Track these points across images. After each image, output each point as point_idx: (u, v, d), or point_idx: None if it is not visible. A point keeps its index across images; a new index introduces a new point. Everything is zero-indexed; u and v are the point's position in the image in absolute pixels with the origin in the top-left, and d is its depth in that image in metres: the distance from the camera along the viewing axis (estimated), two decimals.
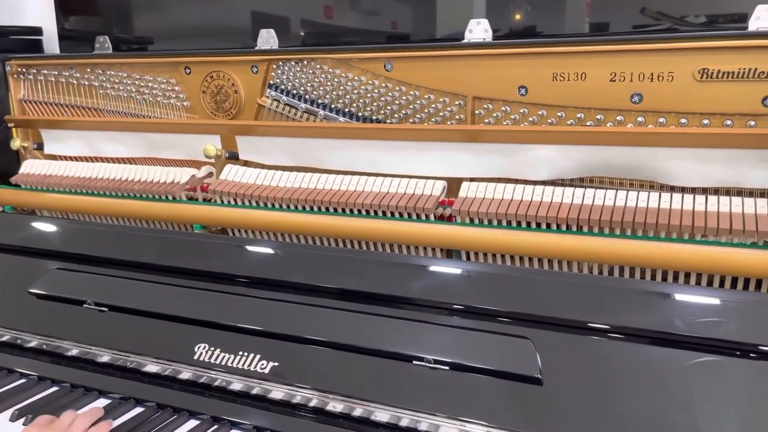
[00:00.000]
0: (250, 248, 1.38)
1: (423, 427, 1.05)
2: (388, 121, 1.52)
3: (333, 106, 1.58)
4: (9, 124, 1.97)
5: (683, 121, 1.26)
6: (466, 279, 1.19)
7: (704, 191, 1.24)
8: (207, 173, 1.62)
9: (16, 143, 1.94)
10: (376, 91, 1.52)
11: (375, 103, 1.52)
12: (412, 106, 1.49)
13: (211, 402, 1.20)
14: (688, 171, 1.24)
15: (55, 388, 1.28)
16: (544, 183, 1.33)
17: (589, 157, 1.31)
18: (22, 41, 2.11)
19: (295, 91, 1.62)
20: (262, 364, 1.17)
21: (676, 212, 1.17)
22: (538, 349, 1.04)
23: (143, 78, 1.81)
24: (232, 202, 1.55)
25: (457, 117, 1.45)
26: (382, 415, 1.08)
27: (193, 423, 1.15)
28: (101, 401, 1.23)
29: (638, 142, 1.26)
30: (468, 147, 1.41)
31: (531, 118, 1.38)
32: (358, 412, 1.10)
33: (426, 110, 1.48)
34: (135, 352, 1.28)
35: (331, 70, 1.56)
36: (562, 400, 0.99)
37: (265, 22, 1.69)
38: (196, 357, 1.22)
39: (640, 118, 1.29)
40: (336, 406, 1.11)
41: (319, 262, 1.28)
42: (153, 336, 1.29)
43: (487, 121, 1.42)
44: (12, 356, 1.38)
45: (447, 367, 1.07)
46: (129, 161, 1.86)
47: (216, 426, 1.14)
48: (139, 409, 1.20)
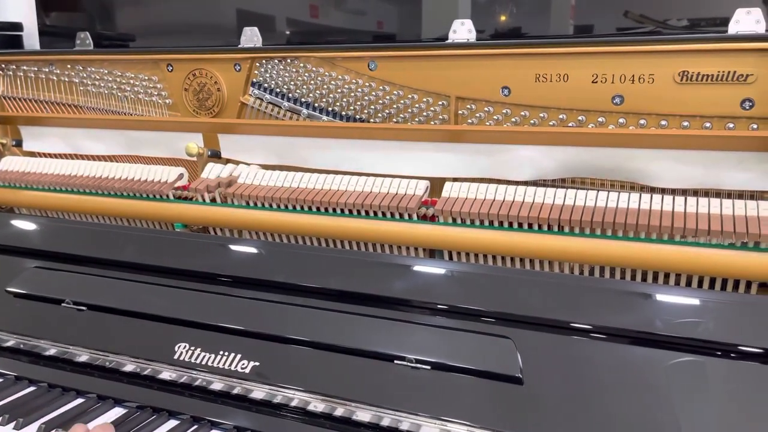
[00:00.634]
0: (231, 247, 1.38)
1: (404, 426, 1.05)
2: (372, 120, 1.52)
3: (316, 104, 1.57)
4: None
5: (663, 122, 1.27)
6: (448, 279, 1.19)
7: (684, 192, 1.25)
8: (178, 176, 1.60)
9: None
10: (359, 90, 1.52)
11: (358, 103, 1.52)
12: (395, 106, 1.49)
13: (191, 402, 1.19)
14: (668, 172, 1.25)
15: (32, 388, 1.26)
16: (526, 183, 1.34)
17: (571, 158, 1.32)
18: (1, 37, 2.08)
19: (278, 90, 1.61)
20: (243, 364, 1.16)
21: (656, 213, 1.18)
22: (519, 348, 1.04)
23: (125, 75, 1.79)
24: (214, 201, 1.54)
25: (440, 117, 1.46)
26: (363, 414, 1.08)
27: (172, 423, 1.14)
28: (79, 401, 1.21)
29: (619, 144, 1.27)
30: (451, 147, 1.42)
31: (514, 119, 1.38)
32: (339, 411, 1.10)
33: (409, 110, 1.48)
34: (114, 352, 1.27)
35: (314, 68, 1.56)
36: (542, 400, 1.00)
37: (250, 21, 1.68)
38: (176, 356, 1.20)
39: (621, 120, 1.30)
40: (317, 405, 1.11)
41: (301, 262, 1.28)
42: (133, 335, 1.27)
43: (470, 121, 1.42)
44: None
45: (428, 367, 1.07)
46: (109, 159, 1.84)
47: (196, 426, 1.13)
48: (118, 410, 1.19)
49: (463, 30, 1.42)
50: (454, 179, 1.41)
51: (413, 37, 1.61)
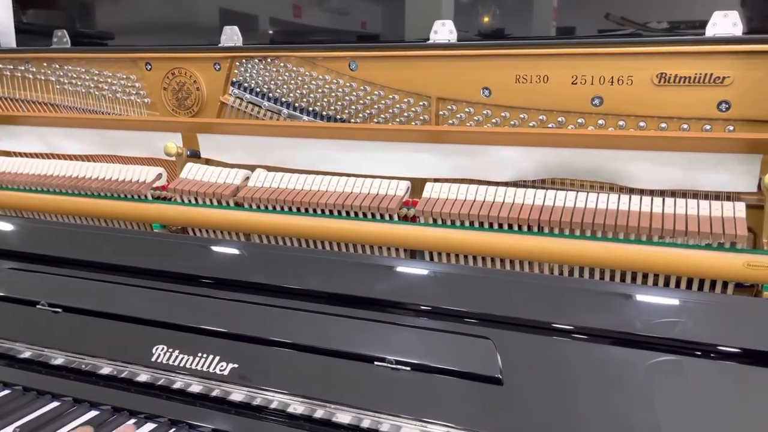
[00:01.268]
0: (210, 248, 1.36)
1: (384, 428, 1.04)
2: (353, 120, 1.51)
3: (297, 104, 1.57)
4: None
5: (642, 124, 1.28)
6: (429, 279, 1.19)
7: (662, 193, 1.26)
8: (156, 176, 1.58)
9: None
10: (340, 90, 1.51)
11: (339, 103, 1.52)
12: (376, 106, 1.48)
13: (169, 405, 1.17)
14: (647, 173, 1.26)
15: (6, 391, 1.24)
16: (506, 184, 1.34)
17: (551, 159, 1.32)
18: None
19: (258, 89, 1.60)
20: (222, 366, 1.15)
21: (635, 214, 1.19)
22: (498, 349, 1.04)
23: (102, 74, 1.77)
24: (193, 201, 1.52)
25: (421, 117, 1.45)
26: (343, 416, 1.07)
27: (150, 426, 1.13)
28: (54, 404, 1.19)
29: (598, 145, 1.27)
30: (432, 148, 1.42)
31: (494, 120, 1.39)
32: (319, 414, 1.09)
33: (390, 110, 1.48)
34: (90, 354, 1.25)
35: (295, 68, 1.55)
36: (522, 400, 1.00)
37: (232, 20, 1.67)
38: (153, 359, 1.19)
39: (600, 121, 1.31)
40: (297, 408, 1.10)
41: (280, 263, 1.27)
42: (109, 337, 1.26)
43: (451, 122, 1.43)
44: None
45: (408, 368, 1.06)
46: (87, 158, 1.82)
47: (174, 429, 1.12)
48: (93, 413, 1.17)
49: (444, 30, 1.42)
50: (435, 180, 1.41)
51: (396, 38, 1.61)
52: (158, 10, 1.85)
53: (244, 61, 1.60)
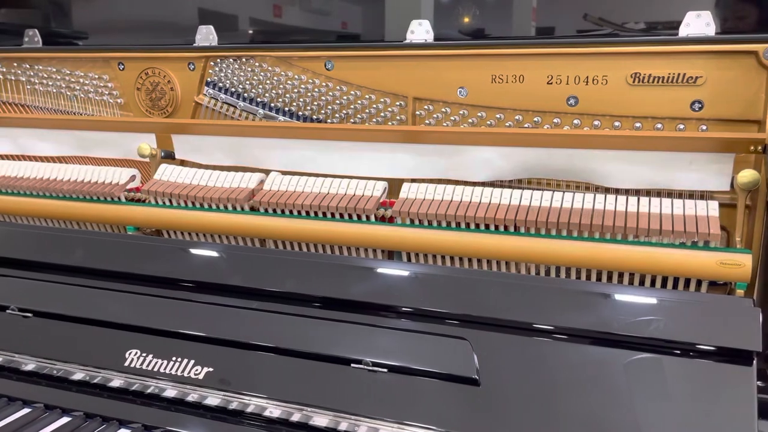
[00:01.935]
0: (184, 250, 1.34)
1: (362, 430, 1.04)
2: (329, 120, 1.50)
3: (273, 104, 1.55)
4: None
5: (617, 124, 1.29)
6: (405, 280, 1.18)
7: (637, 193, 1.27)
8: (130, 177, 1.56)
9: None
10: (316, 90, 1.50)
11: (315, 103, 1.51)
12: (353, 106, 1.48)
13: (142, 410, 1.15)
14: (622, 173, 1.27)
15: None
16: (483, 184, 1.34)
17: (527, 159, 1.33)
18: None
19: (233, 89, 1.58)
20: (197, 370, 1.13)
21: (610, 213, 1.20)
22: (475, 349, 1.04)
23: (74, 73, 1.74)
24: (168, 203, 1.50)
25: (398, 118, 1.45)
26: (320, 419, 1.06)
27: None
28: (25, 411, 1.17)
29: (574, 144, 1.28)
30: (409, 148, 1.41)
31: (471, 120, 1.39)
32: (296, 417, 1.08)
33: (367, 110, 1.47)
34: (62, 360, 1.23)
35: (270, 68, 1.54)
36: (498, 400, 1.00)
37: (209, 19, 1.64)
38: (126, 363, 1.17)
39: (576, 121, 1.31)
40: (273, 411, 1.09)
41: (255, 265, 1.25)
42: (81, 342, 1.23)
43: (427, 122, 1.42)
44: None
45: (385, 370, 1.06)
46: (58, 160, 1.78)
47: None
48: (65, 419, 1.15)
49: (420, 30, 1.41)
50: (412, 180, 1.41)
51: (377, 38, 1.60)
52: (133, 10, 1.82)
53: (218, 60, 1.58)
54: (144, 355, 1.17)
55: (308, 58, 1.49)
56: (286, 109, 1.54)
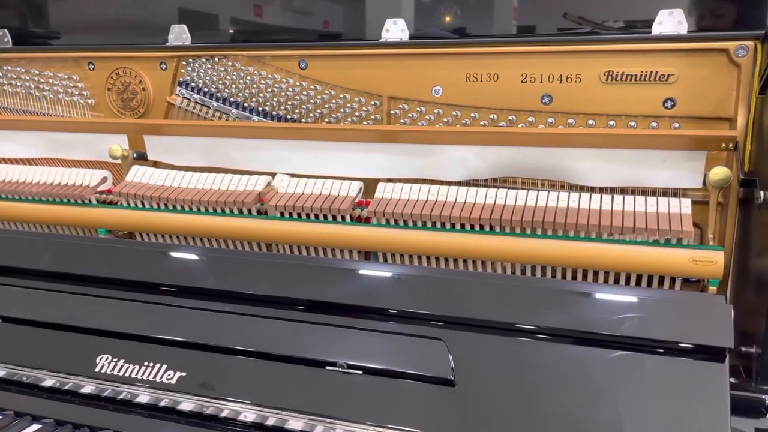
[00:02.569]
0: (156, 253, 1.32)
1: None
2: (304, 120, 1.49)
3: (246, 104, 1.53)
4: None
5: (591, 122, 1.29)
6: (381, 281, 1.17)
7: (611, 191, 1.28)
8: (101, 179, 1.53)
9: None
10: (290, 89, 1.48)
11: (290, 102, 1.49)
12: (327, 106, 1.46)
13: (115, 416, 1.13)
14: (596, 171, 1.27)
15: None
16: (459, 183, 1.34)
17: (502, 158, 1.32)
18: None
19: (206, 89, 1.56)
20: (170, 375, 1.12)
21: (585, 211, 1.20)
22: (450, 350, 1.04)
23: (43, 74, 1.71)
24: (140, 205, 1.48)
25: (373, 117, 1.44)
26: (296, 423, 1.05)
27: None
28: None
29: (548, 143, 1.28)
30: (384, 147, 1.40)
31: (446, 119, 1.38)
32: (271, 421, 1.07)
33: (342, 110, 1.46)
34: (32, 366, 1.20)
35: (243, 67, 1.52)
36: (474, 401, 0.99)
37: (182, 18, 1.62)
38: (97, 369, 1.15)
39: (550, 119, 1.31)
40: (248, 416, 1.07)
41: (227, 267, 1.24)
42: (51, 348, 1.21)
43: (402, 121, 1.41)
44: None
45: (360, 372, 1.05)
46: (27, 162, 1.75)
47: None
48: (35, 426, 1.13)
49: (395, 29, 1.40)
50: (388, 180, 1.40)
51: (357, 37, 1.58)
52: (103, 9, 1.78)
53: (191, 60, 1.56)
54: (115, 360, 1.15)
55: (282, 57, 1.48)
56: (260, 108, 1.52)
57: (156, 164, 1.60)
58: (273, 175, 1.45)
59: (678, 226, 1.13)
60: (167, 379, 1.11)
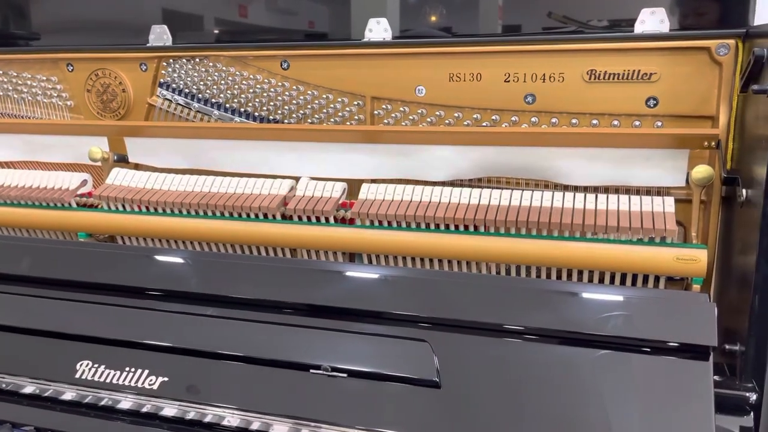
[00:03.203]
0: (136, 257, 1.31)
1: None
2: (286, 121, 1.47)
3: (228, 105, 1.52)
4: None
5: (574, 121, 1.29)
6: (365, 283, 1.17)
7: (595, 190, 1.28)
8: (81, 182, 1.51)
9: None
10: (272, 90, 1.47)
11: (272, 103, 1.48)
12: (310, 106, 1.45)
13: (97, 423, 1.12)
14: (580, 170, 1.27)
15: None
16: (443, 184, 1.33)
17: (486, 158, 1.32)
18: None
19: (187, 90, 1.54)
20: (151, 380, 1.10)
21: (568, 211, 1.20)
22: (435, 351, 1.03)
23: (21, 75, 1.68)
24: (121, 208, 1.46)
25: (356, 117, 1.43)
26: (280, 427, 1.04)
27: None
28: None
29: (532, 142, 1.28)
30: (367, 148, 1.39)
31: (429, 119, 1.37)
32: (255, 425, 1.06)
33: (325, 110, 1.45)
34: (10, 373, 1.18)
35: (225, 68, 1.50)
36: (459, 402, 0.99)
37: (163, 18, 1.60)
38: (78, 375, 1.13)
39: (533, 119, 1.31)
40: (232, 420, 1.06)
41: (210, 270, 1.23)
42: (30, 354, 1.19)
43: (386, 121, 1.41)
44: None
45: (345, 375, 1.04)
46: (5, 165, 1.72)
47: None
48: None
49: (378, 29, 1.39)
50: (372, 181, 1.39)
51: (342, 37, 1.57)
52: (82, 9, 1.76)
53: (171, 61, 1.54)
54: (96, 366, 1.14)
55: (264, 58, 1.46)
56: (242, 109, 1.50)
57: (137, 166, 1.58)
58: (257, 176, 1.43)
59: (661, 224, 1.14)
60: (149, 385, 1.10)
